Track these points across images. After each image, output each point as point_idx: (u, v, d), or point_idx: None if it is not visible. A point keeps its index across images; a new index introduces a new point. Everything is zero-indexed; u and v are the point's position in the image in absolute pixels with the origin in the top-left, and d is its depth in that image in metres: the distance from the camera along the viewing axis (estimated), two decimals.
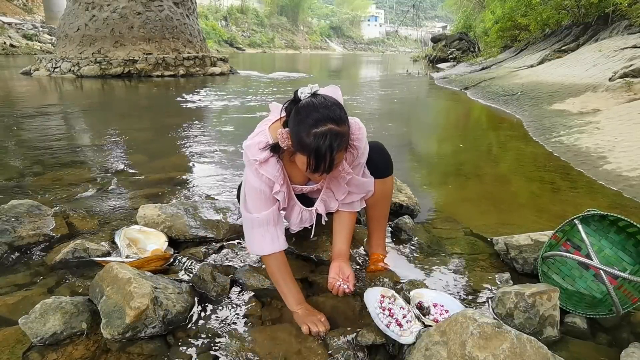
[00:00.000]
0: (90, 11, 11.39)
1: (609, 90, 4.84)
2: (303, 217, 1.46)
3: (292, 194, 1.39)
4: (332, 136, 1.05)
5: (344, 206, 1.44)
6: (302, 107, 1.10)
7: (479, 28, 17.03)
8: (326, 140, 1.05)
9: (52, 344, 1.15)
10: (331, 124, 1.06)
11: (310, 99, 1.11)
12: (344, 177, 1.33)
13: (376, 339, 1.17)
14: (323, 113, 1.07)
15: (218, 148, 3.61)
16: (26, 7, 31.90)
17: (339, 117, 1.08)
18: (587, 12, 9.71)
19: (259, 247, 1.30)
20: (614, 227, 1.45)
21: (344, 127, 1.10)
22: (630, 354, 1.11)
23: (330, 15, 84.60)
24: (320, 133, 1.05)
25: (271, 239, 1.29)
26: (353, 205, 1.44)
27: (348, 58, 37.81)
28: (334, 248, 1.44)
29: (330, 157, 1.06)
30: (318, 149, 1.05)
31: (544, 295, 1.24)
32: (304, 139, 1.07)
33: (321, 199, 1.42)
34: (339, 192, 1.40)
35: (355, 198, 1.42)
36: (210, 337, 1.21)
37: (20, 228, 1.70)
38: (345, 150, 1.15)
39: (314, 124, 1.06)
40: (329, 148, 1.05)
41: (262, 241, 1.29)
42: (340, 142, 1.07)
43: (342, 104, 1.16)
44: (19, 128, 4.33)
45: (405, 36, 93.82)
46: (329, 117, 1.07)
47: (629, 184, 2.58)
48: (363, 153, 1.33)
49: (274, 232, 1.30)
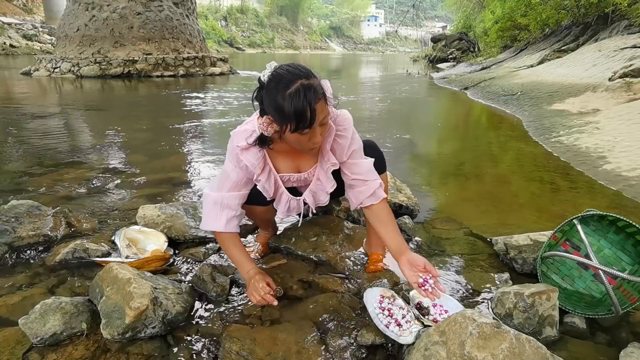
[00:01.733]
0: (90, 11, 11.39)
1: (609, 90, 4.85)
2: (291, 206, 1.46)
3: (279, 183, 1.40)
4: (306, 89, 1.06)
5: (370, 199, 1.35)
6: (267, 84, 1.11)
7: (479, 28, 17.03)
8: (300, 95, 1.06)
9: (52, 344, 1.15)
10: (299, 79, 1.07)
11: (272, 73, 1.12)
12: (329, 168, 1.34)
13: (375, 339, 1.18)
14: (288, 76, 1.08)
15: (218, 148, 3.61)
16: (26, 8, 31.91)
17: (305, 72, 1.10)
18: (586, 12, 9.71)
19: (213, 224, 1.34)
20: (613, 227, 1.45)
21: (314, 79, 1.11)
22: (630, 353, 1.11)
23: (330, 15, 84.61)
24: (293, 92, 1.06)
25: (226, 220, 1.34)
26: (376, 194, 1.35)
27: (348, 58, 37.81)
28: (390, 246, 1.31)
29: (310, 108, 1.07)
30: (296, 106, 1.06)
31: (543, 295, 1.24)
32: (280, 105, 1.08)
33: (310, 190, 1.43)
34: (327, 184, 1.40)
35: (374, 185, 1.35)
36: (209, 338, 1.21)
37: (20, 228, 1.70)
38: (326, 103, 1.14)
39: (284, 87, 1.07)
40: (305, 101, 1.06)
41: (216, 220, 1.34)
42: (315, 92, 1.08)
43: (331, 93, 1.17)
44: (19, 128, 4.33)
45: (405, 36, 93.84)
46: (295, 74, 1.08)
47: (629, 184, 2.58)
48: (353, 141, 1.32)
49: (230, 214, 1.34)
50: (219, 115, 5.68)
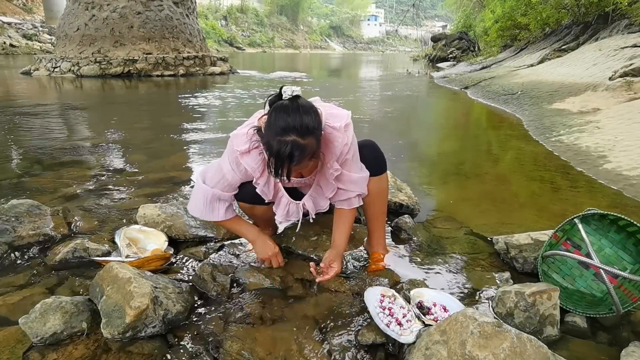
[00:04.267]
0: (90, 11, 11.38)
1: (609, 89, 4.84)
2: (290, 210, 1.47)
3: (278, 186, 1.40)
4: (294, 147, 1.08)
5: (342, 203, 1.45)
6: (278, 107, 1.13)
7: (479, 27, 17.00)
8: (287, 149, 1.08)
9: (52, 343, 1.15)
10: (296, 135, 1.09)
11: (288, 101, 1.13)
12: (332, 174, 1.34)
13: (376, 339, 1.18)
14: (292, 121, 1.09)
15: (218, 147, 3.61)
16: (26, 7, 31.91)
17: (305, 128, 1.10)
18: (587, 11, 9.69)
19: (212, 216, 1.41)
20: (614, 226, 1.45)
21: (310, 140, 1.12)
22: (631, 353, 1.11)
23: (330, 14, 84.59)
24: (283, 141, 1.08)
25: (224, 211, 1.42)
26: (351, 201, 1.45)
27: (348, 57, 37.79)
28: (333, 240, 1.48)
29: (288, 166, 1.11)
30: (278, 155, 1.09)
31: (544, 295, 1.24)
32: (270, 142, 1.11)
33: (310, 195, 1.43)
34: (327, 189, 1.40)
35: (351, 195, 1.43)
36: (210, 337, 1.21)
37: (20, 228, 1.70)
38: (312, 158, 1.17)
39: (280, 131, 1.09)
40: (288, 157, 1.09)
41: (214, 212, 1.41)
42: (301, 154, 1.10)
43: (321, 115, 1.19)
44: (18, 128, 4.33)
45: (405, 35, 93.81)
46: (295, 127, 1.09)
47: (629, 183, 2.58)
48: (351, 149, 1.32)
49: (226, 204, 1.43)
50: (219, 115, 5.68)
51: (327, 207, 1.49)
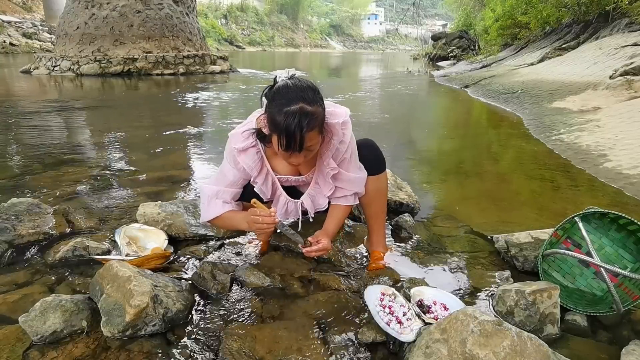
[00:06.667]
0: (89, 9, 11.37)
1: (610, 88, 4.83)
2: (288, 209, 1.47)
3: (277, 185, 1.40)
4: (303, 115, 1.07)
5: (338, 200, 1.46)
6: (277, 89, 1.13)
7: (479, 26, 16.99)
8: (295, 118, 1.06)
9: (52, 342, 1.15)
10: (302, 102, 1.07)
11: (285, 81, 1.13)
12: (329, 172, 1.34)
13: (376, 337, 1.17)
14: (295, 93, 1.08)
15: (217, 146, 3.61)
16: (26, 6, 31.86)
17: (311, 97, 1.10)
18: (587, 9, 9.68)
19: (212, 212, 1.39)
20: (615, 224, 1.45)
21: (316, 107, 1.11)
22: (631, 351, 1.11)
23: (330, 13, 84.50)
24: (290, 112, 1.07)
25: (222, 205, 1.39)
26: (347, 199, 1.45)
27: (348, 56, 37.75)
28: (324, 226, 1.47)
29: (300, 135, 1.08)
30: (288, 126, 1.07)
31: (544, 293, 1.23)
32: (275, 118, 1.09)
33: (309, 194, 1.43)
34: (325, 188, 1.40)
35: (347, 193, 1.44)
36: (210, 335, 1.21)
37: (20, 226, 1.70)
38: (320, 132, 1.15)
39: (285, 103, 1.08)
40: (298, 126, 1.06)
41: (214, 208, 1.39)
42: (310, 121, 1.08)
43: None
44: (18, 126, 4.32)
45: (406, 34, 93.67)
46: (300, 96, 1.08)
47: (630, 182, 2.57)
48: (349, 148, 1.32)
49: (223, 202, 1.40)
50: (219, 113, 5.67)
51: (326, 205, 1.48)
